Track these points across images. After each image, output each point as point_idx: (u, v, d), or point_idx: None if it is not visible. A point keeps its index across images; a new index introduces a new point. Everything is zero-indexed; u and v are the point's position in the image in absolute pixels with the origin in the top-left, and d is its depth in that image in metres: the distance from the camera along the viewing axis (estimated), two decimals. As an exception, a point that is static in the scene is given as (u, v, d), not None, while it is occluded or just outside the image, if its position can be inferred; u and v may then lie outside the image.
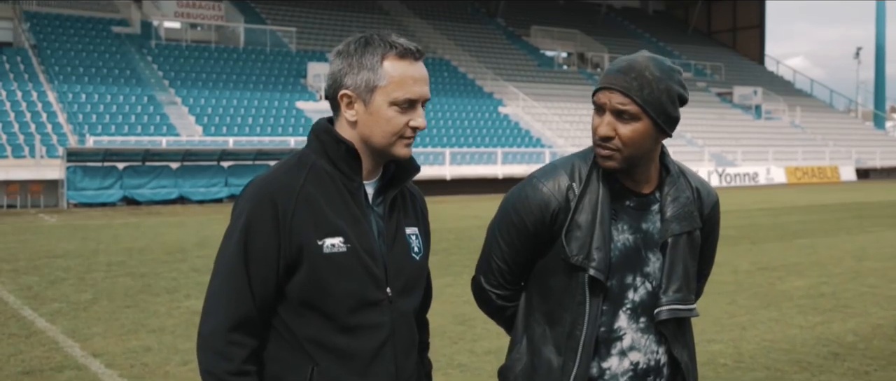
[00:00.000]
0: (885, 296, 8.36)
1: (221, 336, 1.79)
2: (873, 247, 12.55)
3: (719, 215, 2.17)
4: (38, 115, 25.30)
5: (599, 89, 1.93)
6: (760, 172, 37.79)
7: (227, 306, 1.80)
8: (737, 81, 50.86)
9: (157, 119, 27.11)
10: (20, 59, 28.15)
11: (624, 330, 1.99)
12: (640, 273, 2.00)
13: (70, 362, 5.72)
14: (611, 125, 1.90)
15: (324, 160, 1.85)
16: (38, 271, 10.03)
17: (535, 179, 2.04)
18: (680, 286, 1.98)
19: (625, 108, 1.88)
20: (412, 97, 1.81)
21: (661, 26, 57.68)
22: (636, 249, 1.99)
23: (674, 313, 1.97)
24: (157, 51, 32.00)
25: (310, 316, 1.82)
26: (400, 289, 1.88)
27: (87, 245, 12.82)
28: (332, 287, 1.80)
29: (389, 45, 1.82)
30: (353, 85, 1.82)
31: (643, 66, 1.89)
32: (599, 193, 1.97)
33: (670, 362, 2.04)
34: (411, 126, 1.83)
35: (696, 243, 2.03)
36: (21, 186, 21.82)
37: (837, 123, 50.41)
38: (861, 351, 6.06)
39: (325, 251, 1.78)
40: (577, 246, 1.95)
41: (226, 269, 1.82)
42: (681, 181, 2.03)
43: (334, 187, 1.83)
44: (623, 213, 2.00)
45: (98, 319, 7.17)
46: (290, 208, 1.78)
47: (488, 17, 48.72)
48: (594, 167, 1.99)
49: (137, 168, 22.83)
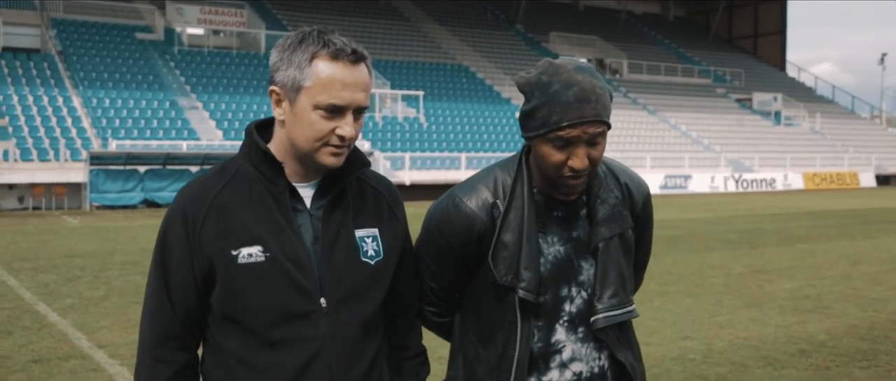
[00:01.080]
0: (867, 298, 8.57)
1: (147, 354, 1.76)
2: (871, 252, 12.71)
3: (652, 208, 2.09)
4: (63, 119, 25.97)
5: (568, 126, 1.78)
6: (778, 179, 37.75)
7: (150, 323, 1.77)
8: (757, 87, 50.76)
9: (179, 124, 27.70)
10: (47, 65, 28.88)
11: (563, 343, 1.94)
12: (575, 283, 1.94)
13: (76, 352, 6.12)
14: (586, 156, 1.81)
15: (248, 164, 1.77)
16: (56, 269, 10.49)
17: (456, 197, 1.94)
18: (615, 291, 1.92)
19: (599, 131, 1.81)
20: (338, 103, 1.68)
21: (681, 32, 57.69)
22: (568, 259, 1.94)
23: (610, 320, 1.91)
24: (180, 57, 32.66)
25: (231, 330, 1.74)
26: (340, 298, 1.75)
27: (104, 246, 13.29)
28: (248, 299, 1.71)
29: (322, 44, 1.69)
30: (281, 82, 1.71)
31: (591, 84, 1.78)
32: (524, 208, 1.89)
33: (613, 365, 2.00)
34: (337, 134, 1.70)
35: (629, 243, 1.98)
36: (46, 189, 22.44)
37: (859, 130, 50.14)
38: (829, 349, 6.31)
39: (241, 262, 1.69)
40: (505, 267, 1.88)
41: (148, 286, 1.79)
42: (608, 181, 1.97)
43: (256, 193, 1.74)
44: (551, 224, 1.93)
45: (107, 314, 7.58)
46: (200, 217, 1.72)
47: (508, 24, 49.05)
48: (518, 181, 1.92)
49: (158, 171, 23.38)
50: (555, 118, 1.78)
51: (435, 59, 40.27)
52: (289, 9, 40.66)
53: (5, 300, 8.23)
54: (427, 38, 42.49)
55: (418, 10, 45.91)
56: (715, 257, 11.95)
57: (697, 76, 50.23)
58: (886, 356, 6.08)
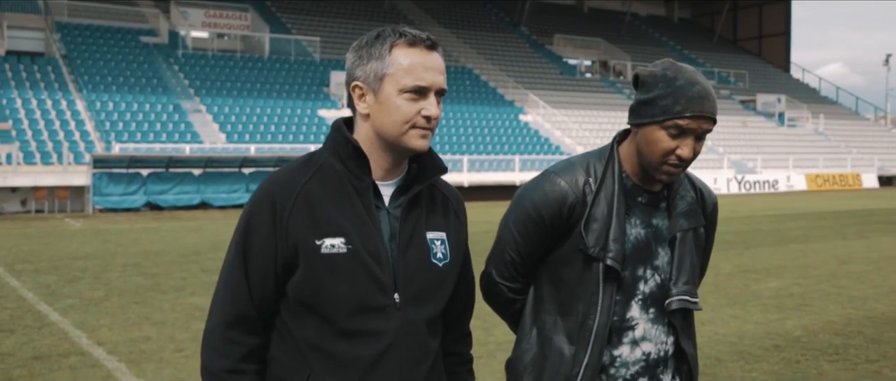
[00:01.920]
0: (849, 296, 8.75)
1: (219, 334, 1.80)
2: (862, 252, 12.86)
3: (717, 216, 2.27)
4: (66, 123, 26.23)
5: (691, 117, 1.95)
6: (780, 180, 37.84)
7: (224, 304, 1.81)
8: (761, 88, 50.83)
9: (182, 127, 27.95)
10: (51, 69, 29.16)
11: (636, 320, 2.07)
12: (651, 266, 2.08)
13: (76, 349, 6.33)
14: (693, 148, 1.98)
15: (334, 159, 1.83)
16: (58, 271, 10.71)
17: (552, 174, 2.10)
18: (688, 279, 2.07)
19: (710, 129, 2.00)
20: (422, 84, 1.78)
21: (686, 34, 57.80)
22: (647, 243, 2.08)
23: (683, 303, 2.05)
24: (184, 60, 32.93)
25: (307, 318, 1.79)
26: (411, 296, 1.82)
27: (106, 248, 13.51)
28: (329, 289, 1.76)
29: (399, 34, 1.81)
30: (363, 76, 1.80)
31: (709, 86, 1.99)
32: (614, 189, 2.05)
33: (676, 353, 2.12)
34: (423, 115, 1.79)
35: (700, 240, 2.15)
36: (49, 192, 22.68)
37: (862, 131, 50.17)
38: (802, 344, 6.50)
39: (324, 252, 1.75)
40: (594, 238, 2.02)
41: (227, 267, 1.83)
42: (686, 182, 2.15)
43: (341, 187, 1.81)
44: (635, 208, 2.09)
45: (107, 313, 7.79)
46: (288, 205, 1.77)
47: (512, 26, 49.24)
48: (609, 165, 2.08)
49: (161, 175, 23.61)
50: (678, 108, 1.94)
51: (438, 61, 40.44)
52: (293, 12, 40.93)
53: (8, 301, 8.46)
54: (430, 40, 42.67)
55: (422, 13, 46.15)
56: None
57: (700, 78, 50.28)
58: (856, 351, 6.27)
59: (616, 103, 41.94)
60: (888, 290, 9.19)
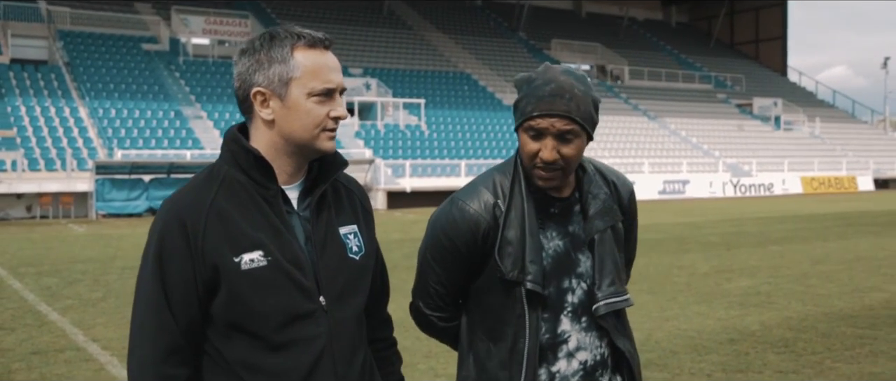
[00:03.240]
0: (814, 294, 9.13)
1: (152, 371, 1.72)
2: (838, 253, 13.24)
3: (636, 203, 2.23)
4: (69, 129, 26.73)
5: (538, 116, 1.94)
6: (776, 183, 38.21)
7: (152, 339, 1.73)
8: (758, 92, 51.23)
9: (183, 133, 28.43)
10: (54, 77, 29.69)
11: (568, 333, 2.04)
12: (574, 275, 2.05)
13: (72, 345, 6.76)
14: (555, 149, 1.94)
15: (236, 170, 1.77)
16: (59, 274, 11.15)
17: (459, 201, 2.05)
18: (612, 280, 2.04)
19: (568, 128, 1.93)
20: (330, 86, 1.76)
21: (683, 38, 58.23)
22: (567, 252, 2.05)
23: (611, 306, 2.03)
24: (185, 67, 33.43)
25: (237, 338, 1.75)
26: (336, 295, 1.81)
27: (107, 252, 13.96)
28: (255, 305, 1.72)
29: (297, 36, 1.77)
30: (266, 81, 1.75)
31: (571, 84, 1.94)
32: (524, 206, 2.01)
33: (613, 353, 2.11)
34: (332, 116, 1.78)
35: (620, 235, 2.12)
36: (53, 198, 23.18)
37: (859, 134, 50.54)
38: (756, 337, 6.89)
39: (244, 268, 1.70)
40: (511, 262, 1.98)
41: (145, 298, 1.74)
42: (597, 179, 2.10)
43: (249, 198, 1.76)
44: (549, 220, 2.05)
45: (104, 313, 8.22)
46: (201, 226, 1.71)
47: (510, 31, 49.71)
48: (516, 182, 2.04)
49: (163, 180, 24.09)
50: (529, 109, 1.95)
51: (437, 66, 40.93)
52: (292, 18, 41.42)
53: (10, 301, 8.90)
54: (429, 46, 43.17)
55: (421, 19, 46.63)
56: (687, 259, 12.51)
57: (698, 82, 50.75)
58: (804, 344, 6.66)
59: (614, 108, 42.35)
60: (852, 289, 9.56)
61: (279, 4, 42.56)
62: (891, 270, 11.09)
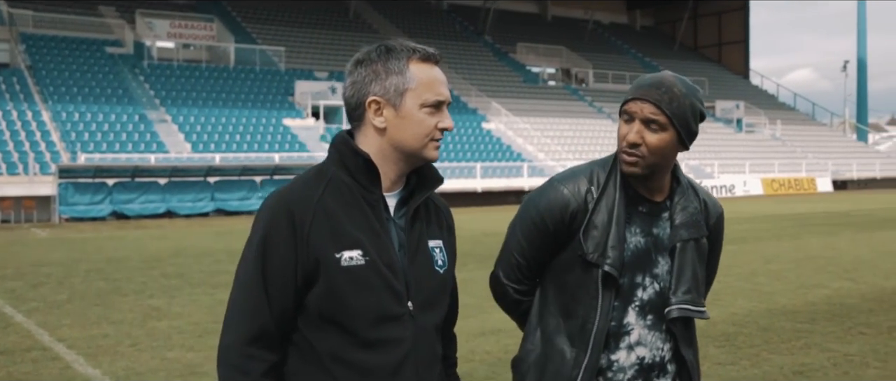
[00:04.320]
0: (760, 292, 9.51)
1: (238, 349, 1.80)
2: (789, 252, 13.69)
3: (723, 227, 2.33)
4: (32, 133, 26.57)
5: (631, 99, 2.08)
6: (737, 184, 38.94)
7: (244, 319, 1.80)
8: (720, 94, 52.07)
9: (148, 137, 28.36)
10: (16, 80, 29.46)
11: (632, 326, 2.13)
12: (650, 274, 2.14)
13: (38, 345, 6.91)
14: (639, 133, 2.05)
15: (343, 172, 1.86)
16: (23, 277, 11.22)
17: (556, 182, 2.19)
18: (689, 288, 2.13)
19: (655, 117, 2.04)
20: (441, 99, 1.87)
21: (648, 42, 59.03)
22: (647, 251, 2.14)
23: (683, 312, 2.11)
24: (150, 70, 33.32)
25: (329, 330, 1.82)
26: (422, 303, 1.88)
27: (71, 255, 14.00)
28: (350, 301, 1.79)
29: (413, 50, 1.87)
30: (382, 91, 1.84)
31: (671, 82, 2.07)
32: (615, 197, 2.12)
33: (675, 359, 2.18)
34: (440, 128, 1.88)
35: (703, 250, 2.20)
36: (15, 202, 23.05)
37: (818, 136, 51.62)
38: (699, 332, 7.16)
39: (343, 264, 1.78)
40: (594, 244, 2.09)
41: (244, 281, 1.82)
42: (689, 193, 2.19)
43: (353, 199, 1.84)
44: (636, 217, 2.15)
45: (68, 314, 8.35)
46: (308, 219, 1.79)
47: (476, 35, 50.08)
48: (612, 174, 2.16)
49: (127, 184, 24.06)
50: (628, 94, 2.11)
51: (402, 70, 41.14)
52: (258, 22, 41.44)
53: (-26, 304, 8.99)
54: (395, 50, 43.37)
55: (387, 22, 46.84)
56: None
57: (661, 85, 51.43)
58: (744, 337, 7.01)
59: (578, 110, 42.88)
60: (797, 286, 9.96)
61: (245, 9, 42.54)
62: (836, 268, 11.53)
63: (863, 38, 58.58)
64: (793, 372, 5.94)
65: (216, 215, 24.71)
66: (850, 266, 11.72)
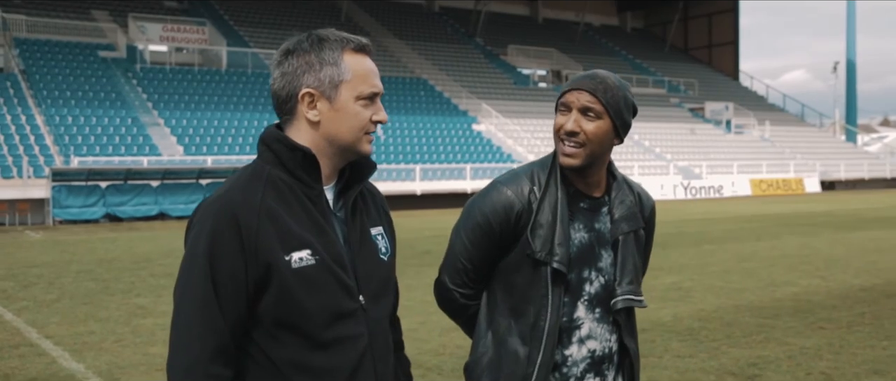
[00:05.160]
0: (730, 289, 9.80)
1: (200, 371, 1.70)
2: (766, 251, 13.98)
3: (655, 219, 2.41)
4: (26, 137, 26.78)
5: (567, 91, 2.15)
6: (725, 185, 39.26)
7: (201, 338, 1.71)
8: (710, 96, 52.45)
9: (141, 140, 28.59)
10: (10, 84, 29.65)
11: (582, 320, 2.19)
12: (595, 268, 2.20)
13: (26, 341, 7.17)
14: (577, 122, 2.11)
15: (280, 170, 1.79)
16: (15, 278, 11.46)
17: (499, 184, 2.22)
18: (632, 279, 2.21)
19: (591, 106, 2.11)
20: (375, 91, 1.83)
21: (638, 44, 59.39)
22: (591, 246, 2.20)
23: (628, 302, 2.19)
24: (142, 74, 33.55)
25: (285, 337, 1.76)
26: (372, 295, 1.86)
27: (62, 257, 14.24)
28: (304, 303, 1.74)
29: (346, 40, 1.81)
30: (316, 83, 1.78)
31: (605, 75, 2.16)
32: (558, 195, 2.17)
33: (620, 349, 2.25)
34: (375, 120, 1.84)
35: (640, 241, 2.29)
36: (9, 205, 23.25)
37: (807, 137, 51.97)
38: (665, 327, 7.51)
39: (294, 266, 1.72)
40: (541, 243, 2.13)
41: (193, 297, 1.72)
42: (624, 187, 2.28)
43: (294, 197, 1.78)
44: (578, 214, 2.21)
45: (57, 312, 8.61)
46: (254, 224, 1.71)
47: (467, 37, 50.37)
48: (552, 173, 2.21)
49: (120, 186, 24.27)
50: (563, 88, 2.19)
51: (394, 72, 41.41)
52: (250, 25, 41.69)
53: (-34, 303, 9.25)
54: (387, 52, 43.65)
55: (378, 25, 47.12)
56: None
57: (652, 86, 51.83)
58: (708, 332, 7.30)
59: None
60: (767, 284, 10.25)
61: (237, 12, 42.79)
62: (808, 267, 11.83)
63: (852, 40, 59.00)
64: (748, 364, 6.23)
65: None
66: (822, 265, 12.03)
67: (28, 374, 6.05)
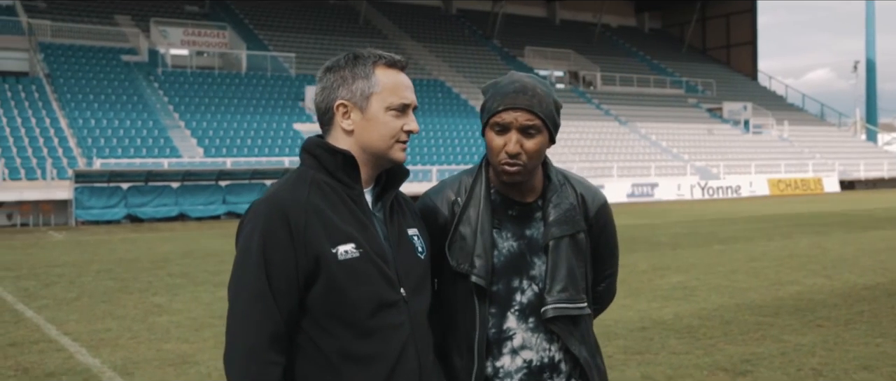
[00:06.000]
0: (735, 288, 9.92)
1: (257, 357, 1.82)
2: (776, 251, 14.07)
3: (609, 216, 2.30)
4: (50, 140, 27.31)
5: (502, 110, 2.08)
6: (743, 185, 39.17)
7: (258, 327, 1.83)
8: (728, 96, 52.30)
9: (162, 142, 29.05)
10: (35, 88, 30.24)
11: (513, 330, 2.14)
12: (527, 276, 2.15)
13: (45, 338, 7.47)
14: (518, 142, 2.07)
15: (322, 173, 1.94)
16: (37, 277, 11.81)
17: (426, 196, 2.24)
18: (565, 286, 2.12)
19: (531, 123, 2.07)
20: (405, 102, 1.97)
21: (656, 44, 59.29)
22: (520, 254, 2.15)
23: (559, 311, 2.11)
24: (163, 77, 34.05)
25: (333, 326, 1.88)
26: (412, 288, 1.97)
27: (83, 257, 14.60)
28: (350, 293, 1.87)
29: (379, 57, 1.98)
30: (349, 95, 1.95)
31: (533, 84, 2.10)
32: (481, 205, 2.14)
33: (568, 358, 2.17)
34: (405, 130, 1.97)
35: (581, 245, 2.19)
36: (33, 206, 23.74)
37: (826, 137, 51.70)
38: (665, 325, 7.67)
39: (341, 258, 1.85)
40: (461, 256, 2.12)
41: (248, 289, 1.85)
42: (565, 189, 2.20)
43: (337, 197, 1.92)
44: (506, 222, 2.16)
45: (76, 310, 8.91)
46: (302, 219, 1.85)
47: (484, 39, 50.58)
48: (477, 182, 2.19)
49: (140, 188, 24.70)
50: (495, 105, 2.11)
51: (411, 75, 39.20)
52: (270, 29, 42.13)
53: (-10, 302, 9.59)
54: (404, 54, 43.67)
55: (396, 28, 47.44)
56: (630, 258, 13.19)
57: (670, 87, 51.78)
58: (706, 330, 7.45)
59: (585, 113, 43.27)
60: (772, 283, 10.37)
61: (257, 16, 43.25)
62: (816, 266, 11.90)
63: (871, 39, 58.68)
64: (741, 360, 6.38)
65: (227, 217, 25.29)
66: (830, 264, 12.10)
67: (46, 368, 6.33)
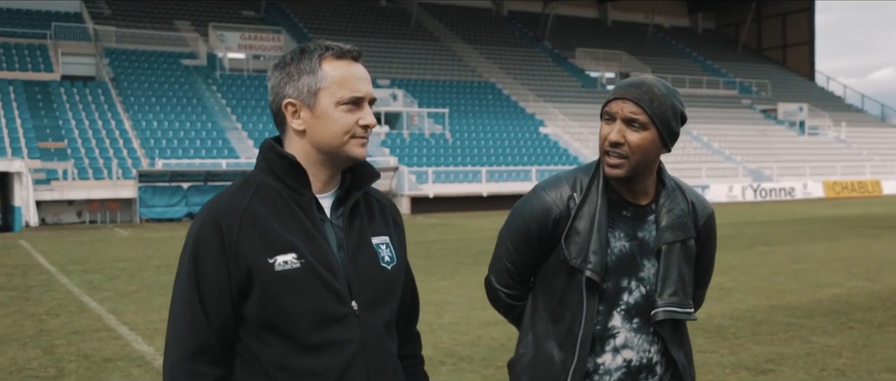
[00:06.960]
0: (773, 290, 10.01)
1: (182, 367, 1.77)
2: (821, 253, 14.01)
3: (715, 227, 2.32)
4: (115, 141, 28.41)
5: (612, 100, 2.09)
6: (797, 187, 38.63)
7: (184, 337, 1.78)
8: (784, 97, 51.54)
9: (220, 143, 29.96)
10: (101, 91, 31.47)
11: (617, 329, 2.15)
12: (635, 278, 2.15)
13: (105, 326, 8.05)
14: (621, 132, 2.06)
15: (270, 178, 1.83)
16: (101, 271, 12.49)
17: (539, 189, 2.22)
18: (675, 290, 2.13)
19: (636, 116, 2.05)
20: (357, 95, 1.81)
21: (709, 45, 58.67)
22: (632, 255, 2.15)
23: (669, 314, 2.12)
24: (221, 80, 35.05)
25: (271, 338, 1.79)
26: (367, 302, 1.84)
27: (145, 252, 15.31)
28: (288, 305, 1.76)
29: (325, 48, 1.83)
30: (296, 92, 1.81)
31: (652, 83, 2.09)
32: (598, 202, 2.14)
33: (665, 361, 2.18)
34: (361, 124, 1.83)
35: (690, 252, 2.19)
36: (100, 204, 24.87)
37: (887, 138, 50.54)
38: (695, 325, 7.84)
39: (277, 269, 1.75)
40: (576, 250, 2.12)
41: (180, 297, 1.80)
42: (676, 195, 2.20)
43: (283, 204, 1.81)
44: (620, 222, 2.16)
45: (136, 302, 9.49)
46: (235, 228, 1.76)
47: (535, 41, 50.70)
48: (595, 179, 2.17)
49: (200, 187, 25.62)
50: (609, 96, 2.13)
51: (462, 77, 42.10)
52: (324, 32, 42.91)
53: (57, 293, 10.25)
54: (455, 56, 44.36)
55: (447, 31, 47.88)
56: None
57: (723, 88, 51.24)
58: (735, 329, 7.63)
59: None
60: (812, 285, 10.41)
61: (311, 19, 44.12)
62: (859, 269, 11.84)
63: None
64: (765, 360, 6.50)
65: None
66: (874, 267, 12.02)
67: (104, 355, 6.85)
